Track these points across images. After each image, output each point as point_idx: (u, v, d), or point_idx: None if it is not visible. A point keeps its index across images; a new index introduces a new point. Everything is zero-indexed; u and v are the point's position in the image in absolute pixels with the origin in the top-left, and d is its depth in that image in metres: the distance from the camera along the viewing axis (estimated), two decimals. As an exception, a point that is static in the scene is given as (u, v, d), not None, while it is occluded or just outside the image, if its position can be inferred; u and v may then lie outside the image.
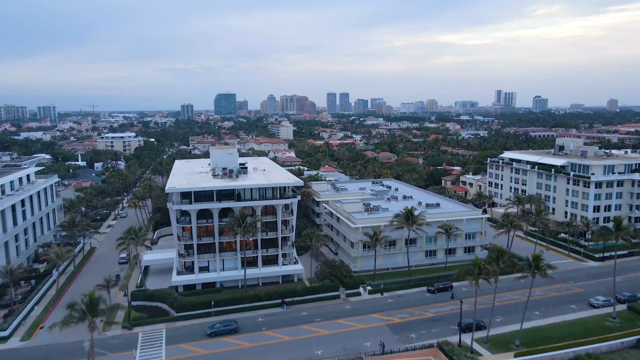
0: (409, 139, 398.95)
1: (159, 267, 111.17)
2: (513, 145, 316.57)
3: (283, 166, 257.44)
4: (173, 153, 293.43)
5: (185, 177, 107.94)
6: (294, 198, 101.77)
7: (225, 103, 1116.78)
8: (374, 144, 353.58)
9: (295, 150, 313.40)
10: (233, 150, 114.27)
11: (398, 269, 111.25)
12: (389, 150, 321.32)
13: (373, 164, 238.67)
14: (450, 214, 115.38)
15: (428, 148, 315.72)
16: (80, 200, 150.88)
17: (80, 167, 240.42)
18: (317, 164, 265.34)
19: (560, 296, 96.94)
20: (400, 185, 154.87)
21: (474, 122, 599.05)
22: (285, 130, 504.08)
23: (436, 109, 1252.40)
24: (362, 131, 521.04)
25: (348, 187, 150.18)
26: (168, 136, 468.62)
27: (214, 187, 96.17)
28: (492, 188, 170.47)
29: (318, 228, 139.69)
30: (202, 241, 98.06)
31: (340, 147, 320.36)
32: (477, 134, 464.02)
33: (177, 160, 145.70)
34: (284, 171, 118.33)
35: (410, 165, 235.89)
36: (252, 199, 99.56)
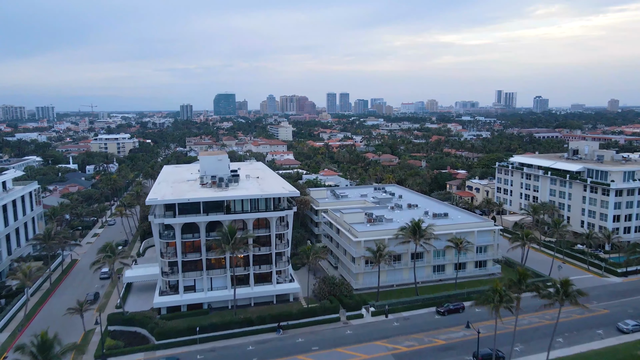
0: (411, 140, 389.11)
1: (143, 284, 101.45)
2: (518, 147, 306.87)
3: (281, 169, 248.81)
4: (168, 155, 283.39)
5: (171, 186, 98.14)
6: (289, 210, 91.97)
7: (225, 103, 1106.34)
8: (374, 146, 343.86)
9: (294, 152, 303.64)
10: (223, 157, 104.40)
11: (403, 286, 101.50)
12: (391, 152, 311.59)
13: (374, 167, 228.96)
14: (460, 225, 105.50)
15: (430, 150, 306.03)
16: (64, 208, 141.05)
17: (70, 171, 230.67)
18: (317, 166, 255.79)
19: (584, 319, 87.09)
20: (404, 192, 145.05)
21: (475, 122, 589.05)
22: (285, 131, 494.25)
23: (436, 109, 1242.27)
24: (362, 132, 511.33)
25: (349, 194, 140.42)
26: (165, 137, 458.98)
27: (200, 198, 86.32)
28: (501, 194, 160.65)
29: (316, 238, 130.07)
30: (188, 258, 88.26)
31: (340, 149, 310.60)
32: (480, 135, 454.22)
33: (165, 165, 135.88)
34: (279, 179, 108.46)
35: (413, 168, 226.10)
36: (244, 211, 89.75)
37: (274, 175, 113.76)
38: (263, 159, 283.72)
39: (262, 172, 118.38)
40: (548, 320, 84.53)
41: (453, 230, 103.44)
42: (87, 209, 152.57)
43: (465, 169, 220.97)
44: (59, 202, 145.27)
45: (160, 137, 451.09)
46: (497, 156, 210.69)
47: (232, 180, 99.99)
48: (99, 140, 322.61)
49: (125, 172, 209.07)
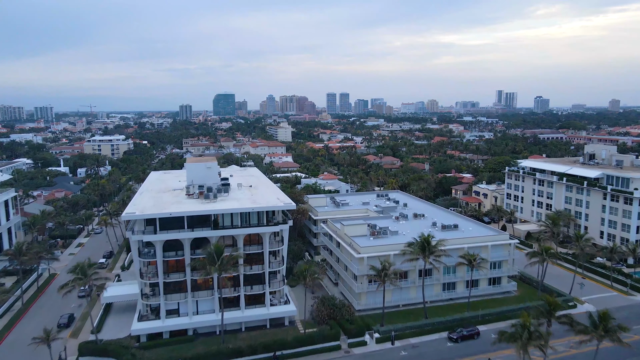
0: (412, 142, 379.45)
1: (126, 304, 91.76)
2: (523, 149, 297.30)
3: (279, 172, 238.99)
4: (162, 158, 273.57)
5: (153, 197, 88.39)
6: (284, 224, 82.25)
7: (224, 103, 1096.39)
8: (375, 147, 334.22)
9: (293, 155, 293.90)
10: (212, 164, 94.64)
11: (411, 306, 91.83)
12: (392, 154, 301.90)
13: (376, 171, 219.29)
14: (472, 239, 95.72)
15: (433, 152, 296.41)
16: (45, 216, 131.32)
17: (60, 174, 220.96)
18: (316, 169, 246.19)
19: (616, 349, 77.24)
20: (408, 199, 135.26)
21: (477, 123, 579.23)
22: (284, 132, 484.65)
23: (437, 109, 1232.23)
24: (362, 133, 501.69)
25: (350, 202, 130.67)
26: (162, 138, 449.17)
27: (183, 212, 76.52)
28: (511, 201, 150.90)
29: (315, 250, 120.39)
30: (171, 278, 78.52)
31: (341, 152, 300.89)
32: (482, 136, 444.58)
33: (153, 172, 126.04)
34: (274, 189, 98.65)
35: (416, 171, 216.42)
36: (233, 226, 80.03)
37: (268, 184, 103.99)
38: (261, 161, 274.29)
39: (256, 180, 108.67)
40: (575, 350, 74.79)
41: (465, 244, 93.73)
42: (70, 217, 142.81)
43: (471, 173, 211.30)
44: (41, 210, 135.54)
45: (157, 138, 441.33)
46: (504, 159, 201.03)
47: (221, 190, 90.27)
48: (93, 142, 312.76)
49: (115, 176, 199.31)
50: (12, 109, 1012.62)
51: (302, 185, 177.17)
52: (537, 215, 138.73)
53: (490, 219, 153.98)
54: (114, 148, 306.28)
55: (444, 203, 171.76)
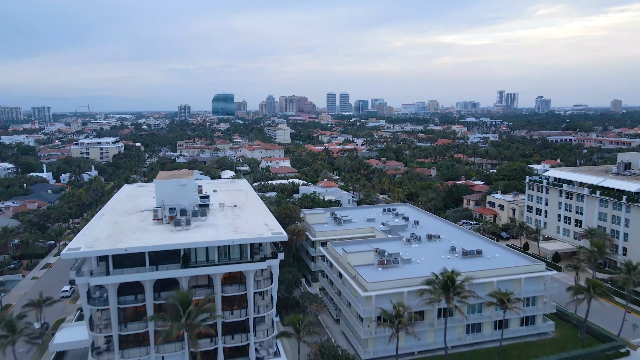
0: (416, 145, 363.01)
1: (82, 351, 74.89)
2: (533, 152, 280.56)
3: (276, 179, 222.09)
4: (153, 163, 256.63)
5: (113, 223, 71.54)
6: (273, 259, 65.50)
7: (223, 104, 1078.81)
8: (377, 150, 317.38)
9: (291, 159, 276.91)
10: (187, 181, 77.78)
11: (428, 353, 75.09)
12: (395, 157, 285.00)
13: (380, 177, 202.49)
14: (502, 270, 78.86)
15: (438, 155, 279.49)
16: (7, 234, 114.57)
17: (40, 181, 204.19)
18: (315, 175, 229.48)
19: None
20: (419, 215, 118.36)
21: (481, 124, 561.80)
22: (282, 133, 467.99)
23: (438, 110, 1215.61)
24: (363, 134, 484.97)
25: (352, 218, 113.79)
26: (157, 140, 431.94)
27: (142, 247, 59.73)
28: (532, 214, 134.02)
29: (313, 276, 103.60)
30: (129, 329, 61.76)
31: (341, 156, 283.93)
32: (487, 138, 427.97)
33: (126, 185, 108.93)
34: (263, 210, 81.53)
35: (423, 178, 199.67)
36: (209, 261, 63.31)
37: (256, 203, 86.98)
38: (257, 165, 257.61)
39: (244, 197, 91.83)
40: None
41: (493, 277, 76.91)
42: (35, 235, 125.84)
43: (482, 180, 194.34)
44: (2, 227, 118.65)
45: (151, 139, 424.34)
46: (520, 166, 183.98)
47: (198, 213, 73.45)
48: (81, 146, 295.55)
49: (97, 183, 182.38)
50: (9, 110, 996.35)
51: (300, 194, 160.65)
52: (564, 232, 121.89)
53: (508, 234, 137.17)
54: (103, 151, 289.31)
55: (455, 215, 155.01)
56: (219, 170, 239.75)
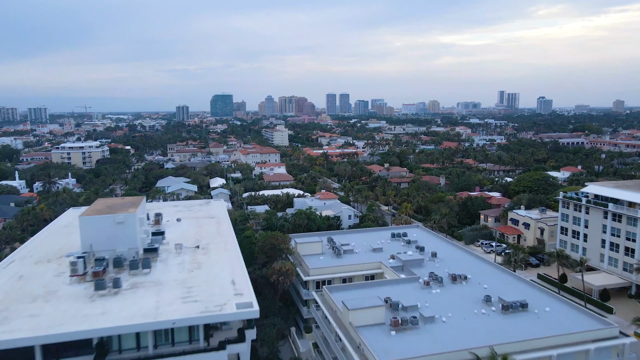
0: (422, 149, 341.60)
1: None
2: (547, 157, 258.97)
3: (269, 188, 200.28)
4: (136, 170, 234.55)
5: (16, 279, 49.68)
6: (240, 342, 43.63)
7: (222, 104, 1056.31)
8: (380, 155, 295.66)
9: (287, 164, 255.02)
10: (128, 216, 55.05)
11: None
12: (399, 163, 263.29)
13: (384, 187, 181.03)
14: (561, 338, 57.02)
15: (445, 160, 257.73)
16: None
17: (8, 191, 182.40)
18: (313, 183, 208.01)
19: None
20: (434, 241, 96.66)
21: (486, 126, 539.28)
22: (280, 135, 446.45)
23: (439, 110, 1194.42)
24: (364, 136, 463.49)
25: (354, 246, 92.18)
26: (149, 142, 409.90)
27: (25, 340, 37.74)
28: (567, 237, 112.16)
29: (305, 324, 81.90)
30: None
31: (341, 161, 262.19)
32: (493, 140, 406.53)
33: (72, 208, 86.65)
34: (234, 254, 59.04)
35: (432, 188, 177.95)
36: (139, 348, 41.52)
37: (228, 240, 64.71)
38: (250, 172, 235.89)
39: (214, 228, 69.86)
40: None
41: (551, 350, 55.08)
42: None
43: (498, 190, 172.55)
44: None
45: (143, 142, 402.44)
46: (542, 175, 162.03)
47: (139, 264, 51.54)
48: (62, 150, 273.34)
49: (67, 195, 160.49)
50: (5, 110, 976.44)
51: (294, 210, 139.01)
52: (611, 262, 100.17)
53: (538, 259, 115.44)
54: (85, 156, 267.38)
55: (472, 235, 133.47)
56: (208, 178, 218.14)
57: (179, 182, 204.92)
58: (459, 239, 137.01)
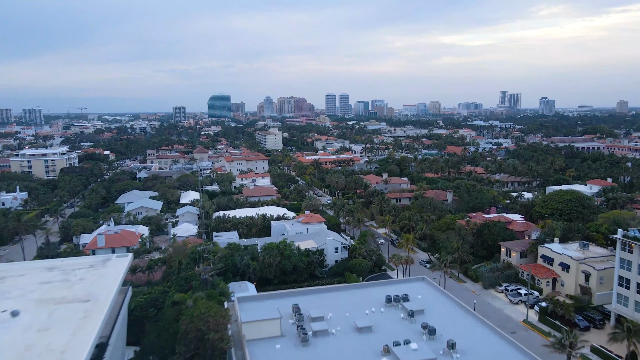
0: (424, 154, 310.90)
1: None
2: (564, 164, 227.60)
3: (246, 205, 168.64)
4: (98, 182, 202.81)
5: None
6: None
7: (219, 105, 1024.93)
8: (378, 162, 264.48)
9: (273, 174, 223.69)
10: None
11: None
12: (399, 171, 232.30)
13: (380, 205, 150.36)
14: None
15: (451, 169, 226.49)
16: None
17: None
18: (299, 198, 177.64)
19: None
20: (449, 309, 65.49)
21: (491, 128, 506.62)
22: (273, 139, 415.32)
23: (440, 111, 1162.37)
24: (363, 139, 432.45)
25: (331, 321, 61.09)
26: (133, 146, 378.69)
27: None
28: (631, 292, 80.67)
29: None
30: None
31: (334, 170, 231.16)
32: (500, 144, 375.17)
33: None
34: None
35: (438, 207, 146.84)
36: None
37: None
38: (230, 184, 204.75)
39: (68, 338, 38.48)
40: None
41: None
42: None
43: (518, 211, 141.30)
44: None
45: (126, 146, 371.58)
46: (575, 195, 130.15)
47: None
48: (21, 157, 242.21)
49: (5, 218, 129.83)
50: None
51: (264, 244, 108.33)
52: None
53: (588, 319, 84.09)
54: (48, 165, 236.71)
55: (492, 276, 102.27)
56: (179, 193, 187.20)
57: (143, 197, 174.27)
58: (475, 280, 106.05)
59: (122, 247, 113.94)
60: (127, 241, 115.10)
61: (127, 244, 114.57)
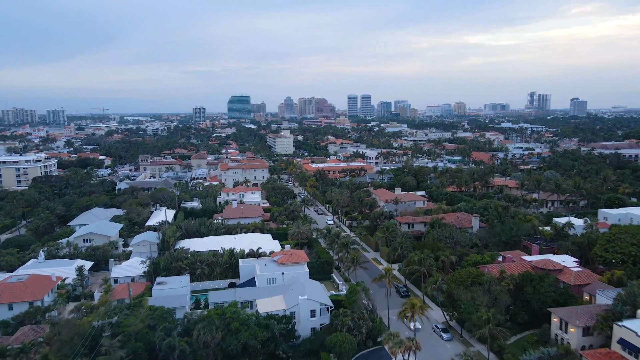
0: (445, 162, 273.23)
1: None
2: (615, 178, 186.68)
3: (220, 230, 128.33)
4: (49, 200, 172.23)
5: None
6: None
7: (239, 106, 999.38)
8: (392, 171, 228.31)
9: (268, 189, 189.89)
10: None
11: None
12: (416, 184, 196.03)
13: (387, 234, 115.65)
14: None
15: (477, 183, 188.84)
16: None
17: None
18: (290, 220, 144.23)
19: None
20: None
21: (521, 131, 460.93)
22: (284, 142, 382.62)
23: (465, 112, 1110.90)
24: (380, 143, 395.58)
25: None
26: (133, 150, 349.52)
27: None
28: None
29: None
30: None
31: (339, 184, 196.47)
32: (531, 150, 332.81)
33: None
34: None
35: (460, 241, 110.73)
36: None
37: None
38: (214, 200, 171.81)
39: None
40: None
41: None
42: None
43: (568, 251, 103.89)
44: None
45: (127, 150, 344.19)
46: None
47: None
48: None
49: None
50: (24, 112, 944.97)
51: (215, 302, 74.96)
52: None
53: None
54: (20, 173, 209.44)
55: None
56: (148, 209, 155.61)
57: (103, 217, 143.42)
58: (514, 368, 70.09)
59: (23, 302, 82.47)
60: (30, 293, 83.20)
61: (29, 297, 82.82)
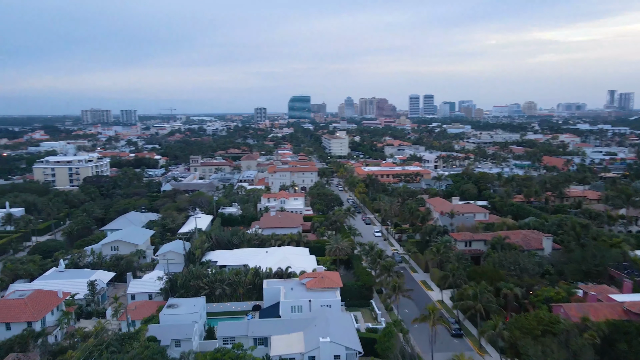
0: (512, 168, 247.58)
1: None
2: None
3: (253, 242, 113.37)
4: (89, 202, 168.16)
5: None
6: None
7: (299, 106, 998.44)
8: (451, 177, 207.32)
9: (312, 194, 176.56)
10: None
11: None
12: (477, 192, 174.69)
13: (438, 256, 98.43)
14: None
15: (547, 191, 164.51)
16: None
17: None
18: (331, 229, 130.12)
19: None
20: None
21: (600, 133, 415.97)
22: (338, 143, 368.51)
23: (535, 112, 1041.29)
24: (441, 145, 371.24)
25: None
26: (187, 150, 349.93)
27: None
28: None
29: None
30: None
31: (391, 190, 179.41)
32: (614, 155, 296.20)
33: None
34: None
35: (527, 269, 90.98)
36: None
37: None
38: (254, 205, 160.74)
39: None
40: None
41: None
42: None
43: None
44: None
45: (182, 150, 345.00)
46: None
47: None
48: (45, 165, 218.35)
49: None
50: (101, 112, 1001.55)
51: (224, 336, 62.03)
52: None
53: None
54: (73, 173, 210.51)
55: None
56: (184, 214, 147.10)
57: (138, 223, 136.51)
58: None
59: (21, 323, 74.18)
60: (29, 313, 74.69)
61: (27, 317, 74.31)
